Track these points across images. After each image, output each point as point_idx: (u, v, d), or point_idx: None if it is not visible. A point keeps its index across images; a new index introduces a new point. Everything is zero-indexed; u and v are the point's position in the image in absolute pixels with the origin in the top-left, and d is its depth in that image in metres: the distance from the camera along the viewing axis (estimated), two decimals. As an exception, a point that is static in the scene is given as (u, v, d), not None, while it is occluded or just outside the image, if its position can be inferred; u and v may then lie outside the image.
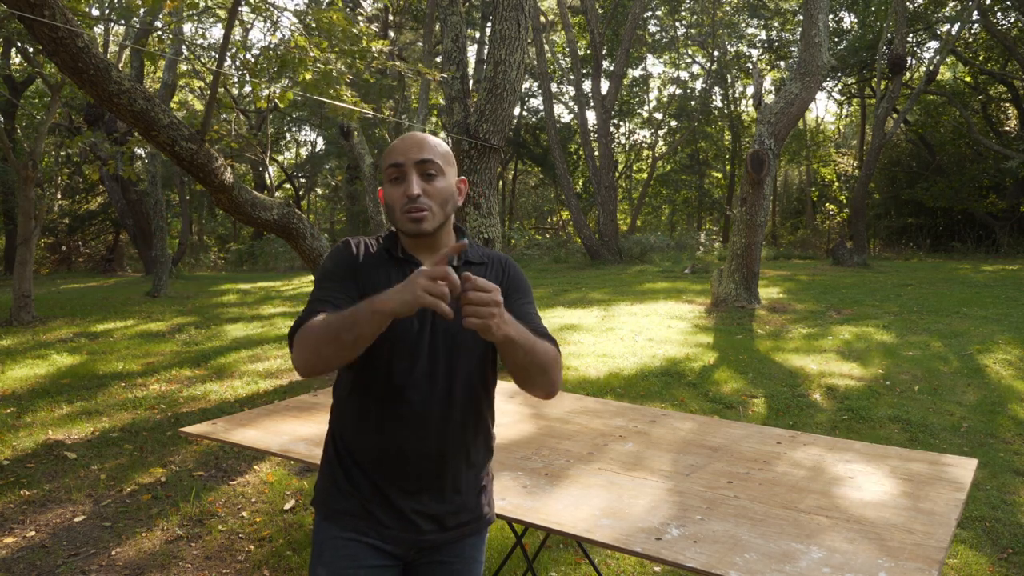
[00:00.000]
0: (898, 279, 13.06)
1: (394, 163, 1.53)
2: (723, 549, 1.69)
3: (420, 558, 1.59)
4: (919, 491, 2.02)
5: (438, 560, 1.60)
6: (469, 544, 1.63)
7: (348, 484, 1.56)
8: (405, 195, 1.51)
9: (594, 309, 10.11)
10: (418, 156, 1.52)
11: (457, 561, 1.62)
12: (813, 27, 9.57)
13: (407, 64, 6.64)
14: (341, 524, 1.55)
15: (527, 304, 1.63)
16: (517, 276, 1.65)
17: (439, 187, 1.53)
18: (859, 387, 5.86)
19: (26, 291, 9.78)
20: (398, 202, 1.52)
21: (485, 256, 1.64)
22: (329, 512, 1.57)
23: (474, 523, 1.63)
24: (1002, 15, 20.17)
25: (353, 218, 26.15)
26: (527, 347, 1.41)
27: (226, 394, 6.03)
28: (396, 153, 1.54)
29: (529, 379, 1.50)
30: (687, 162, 28.71)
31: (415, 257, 1.58)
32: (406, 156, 1.52)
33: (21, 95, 17.71)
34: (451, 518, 1.58)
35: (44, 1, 3.74)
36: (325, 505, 1.59)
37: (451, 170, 1.58)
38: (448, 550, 1.60)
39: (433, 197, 1.52)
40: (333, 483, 1.59)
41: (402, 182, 1.53)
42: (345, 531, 1.54)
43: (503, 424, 1.77)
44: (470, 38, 20.46)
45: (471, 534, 1.63)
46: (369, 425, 1.55)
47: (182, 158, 4.55)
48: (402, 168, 1.52)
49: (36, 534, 3.52)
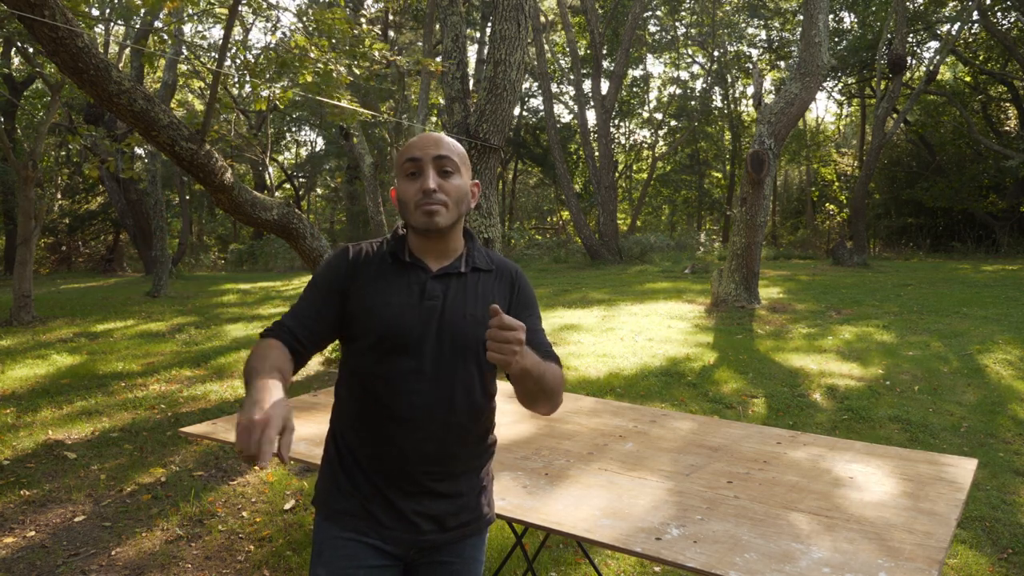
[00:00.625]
0: (898, 279, 13.06)
1: (411, 158, 1.53)
2: (723, 549, 1.69)
3: (420, 558, 1.59)
4: (919, 491, 2.02)
5: (438, 560, 1.60)
6: (469, 544, 1.63)
7: (349, 484, 1.56)
8: (421, 189, 1.51)
9: (594, 309, 10.11)
10: (436, 152, 1.53)
11: (457, 561, 1.61)
12: (813, 27, 9.57)
13: (408, 58, 6.61)
14: (341, 524, 1.55)
15: (535, 319, 1.66)
16: (527, 290, 1.66)
17: (455, 184, 1.54)
18: (859, 387, 5.86)
19: (26, 291, 9.78)
20: (413, 197, 1.52)
21: (492, 262, 1.64)
22: (330, 512, 1.57)
23: (474, 523, 1.63)
24: (1002, 15, 20.17)
25: (353, 218, 26.15)
26: (538, 375, 1.46)
27: (226, 394, 6.03)
28: (414, 148, 1.54)
29: (535, 402, 1.55)
30: (687, 162, 28.71)
31: (422, 260, 1.57)
32: (424, 151, 1.53)
33: (21, 95, 17.71)
34: (451, 518, 1.58)
35: (44, 1, 3.73)
36: (326, 505, 1.59)
37: (466, 171, 1.59)
38: (448, 550, 1.60)
39: (449, 194, 1.53)
40: (334, 483, 1.58)
41: (418, 177, 1.53)
42: (345, 531, 1.54)
43: (503, 424, 1.78)
44: (470, 38, 20.46)
45: (471, 534, 1.63)
46: (371, 426, 1.54)
47: (182, 158, 4.55)
48: (419, 163, 1.52)
49: (36, 534, 3.52)
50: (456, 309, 1.55)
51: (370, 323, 1.52)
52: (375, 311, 1.52)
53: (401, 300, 1.53)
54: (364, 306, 1.53)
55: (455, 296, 1.55)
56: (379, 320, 1.51)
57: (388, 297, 1.53)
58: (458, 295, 1.56)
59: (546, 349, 1.65)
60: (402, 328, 1.51)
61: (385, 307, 1.52)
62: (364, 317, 1.53)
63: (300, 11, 12.95)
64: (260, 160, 9.44)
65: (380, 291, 1.54)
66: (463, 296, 1.56)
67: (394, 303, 1.53)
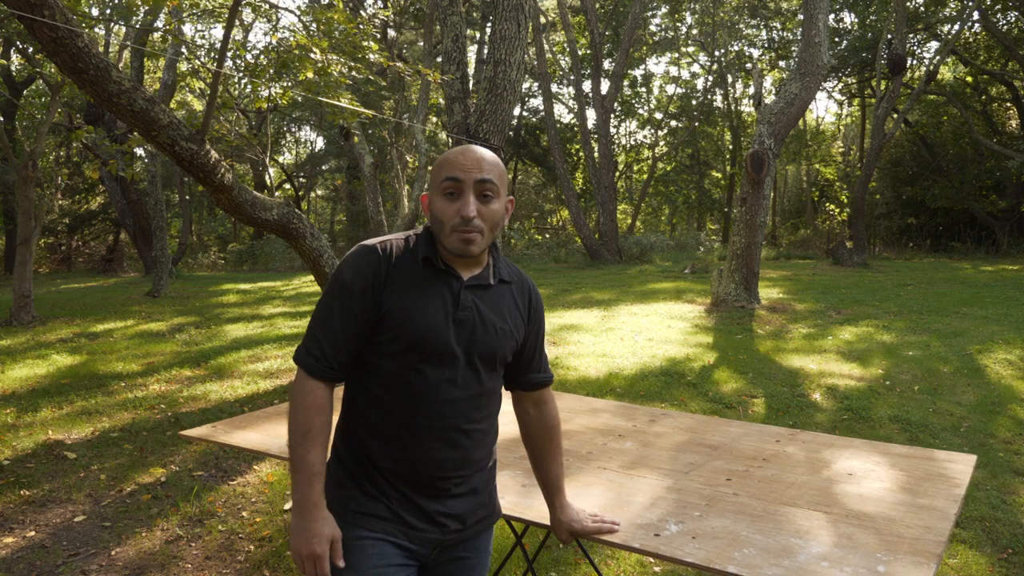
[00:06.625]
0: (898, 279, 13.06)
1: (452, 177, 1.48)
2: (722, 544, 1.69)
3: (441, 556, 1.61)
4: (918, 487, 2.02)
5: (457, 556, 1.63)
6: (483, 539, 1.68)
7: (373, 487, 1.55)
8: (460, 214, 1.47)
9: (594, 309, 10.12)
10: (479, 175, 1.48)
11: (473, 555, 1.65)
12: (813, 27, 9.57)
13: (407, 64, 6.64)
14: (368, 526, 1.53)
15: (542, 336, 1.73)
16: (540, 306, 1.70)
17: (493, 209, 1.50)
18: (859, 387, 5.87)
19: (26, 291, 9.78)
20: (450, 219, 1.48)
21: (513, 274, 1.65)
22: (353, 516, 1.54)
23: (489, 518, 1.68)
24: (1002, 15, 20.16)
25: (353, 218, 26.15)
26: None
27: (226, 394, 6.03)
28: (456, 167, 1.49)
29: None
30: (687, 162, 28.71)
31: (454, 269, 1.54)
32: (466, 173, 1.48)
33: (21, 95, 17.72)
34: (471, 516, 1.62)
35: (44, 1, 3.74)
36: (345, 509, 1.54)
37: (504, 190, 1.55)
38: (466, 546, 1.64)
39: (486, 220, 1.50)
40: (355, 487, 1.56)
41: (457, 199, 1.48)
42: (374, 532, 1.52)
43: (503, 424, 1.78)
44: (470, 38, 20.47)
45: (486, 528, 1.68)
46: (395, 433, 1.53)
47: (182, 158, 4.55)
48: (460, 184, 1.48)
49: (36, 534, 3.52)
50: (486, 321, 1.55)
51: (403, 329, 1.49)
52: (410, 318, 1.49)
53: (436, 308, 1.50)
54: (399, 311, 1.49)
55: (485, 308, 1.55)
56: (413, 328, 1.48)
57: (424, 304, 1.50)
58: (488, 307, 1.56)
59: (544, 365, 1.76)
60: (438, 338, 1.49)
61: (421, 315, 1.49)
62: (397, 323, 1.49)
63: (302, 11, 12.95)
64: (260, 160, 9.44)
65: (415, 298, 1.50)
66: (491, 308, 1.57)
67: (430, 311, 1.50)
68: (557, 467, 1.77)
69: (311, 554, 1.44)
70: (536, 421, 1.77)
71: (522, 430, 1.80)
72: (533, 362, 1.72)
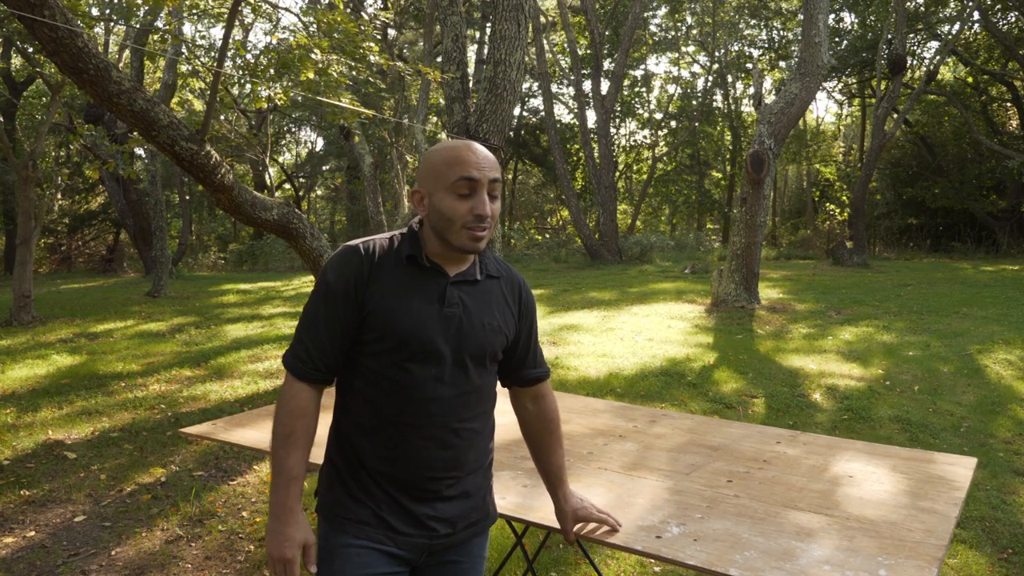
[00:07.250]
0: (898, 279, 13.06)
1: (468, 176, 1.47)
2: (723, 547, 1.69)
3: (431, 560, 1.59)
4: (919, 489, 2.02)
5: (448, 560, 1.61)
6: (476, 543, 1.65)
7: (360, 491, 1.54)
8: (474, 213, 1.47)
9: (594, 309, 10.11)
10: (492, 175, 1.49)
11: (466, 560, 1.63)
12: (813, 27, 9.57)
13: (407, 64, 6.65)
14: (353, 532, 1.52)
15: (534, 330, 1.72)
16: (531, 301, 1.69)
17: (497, 207, 1.52)
18: (859, 387, 5.86)
19: (26, 291, 9.78)
20: (462, 217, 1.47)
21: (501, 269, 1.64)
22: (340, 521, 1.54)
23: (482, 522, 1.65)
24: (1002, 15, 20.16)
25: (353, 218, 26.14)
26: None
27: (226, 394, 6.03)
28: (470, 166, 1.48)
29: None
30: (687, 162, 28.70)
31: (440, 266, 1.54)
32: (481, 172, 1.48)
33: (21, 95, 17.71)
34: (462, 519, 1.59)
35: (44, 1, 3.74)
36: (334, 515, 1.55)
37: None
38: (457, 550, 1.61)
39: (494, 218, 1.51)
40: (343, 491, 1.55)
41: (471, 197, 1.48)
42: (359, 539, 1.52)
43: (503, 424, 1.78)
44: (470, 38, 20.46)
45: (479, 533, 1.65)
46: (385, 433, 1.52)
47: (182, 158, 4.55)
48: (475, 183, 1.47)
49: (36, 534, 3.52)
50: (474, 317, 1.54)
51: (389, 328, 1.48)
52: (395, 316, 1.48)
53: (421, 306, 1.49)
54: (383, 310, 1.48)
55: (472, 304, 1.54)
56: (399, 326, 1.48)
57: (409, 303, 1.49)
58: (475, 303, 1.55)
59: (539, 360, 1.75)
60: (424, 335, 1.48)
61: (406, 313, 1.48)
62: (382, 322, 1.48)
63: (302, 11, 12.95)
64: (260, 160, 9.43)
65: (400, 296, 1.50)
66: (479, 304, 1.56)
67: (415, 309, 1.49)
68: (558, 459, 1.77)
69: (281, 558, 1.49)
70: (535, 416, 1.77)
71: (521, 426, 1.80)
72: (528, 357, 1.71)
